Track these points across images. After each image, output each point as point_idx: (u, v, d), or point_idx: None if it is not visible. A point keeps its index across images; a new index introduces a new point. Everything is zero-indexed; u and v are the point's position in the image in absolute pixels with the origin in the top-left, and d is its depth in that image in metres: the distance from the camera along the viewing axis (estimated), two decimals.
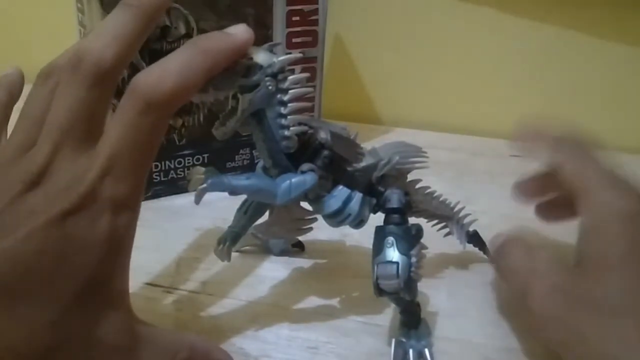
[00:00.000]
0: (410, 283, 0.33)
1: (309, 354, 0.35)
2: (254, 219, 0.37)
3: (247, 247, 0.44)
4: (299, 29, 0.52)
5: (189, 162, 0.51)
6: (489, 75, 0.67)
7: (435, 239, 0.40)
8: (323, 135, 0.32)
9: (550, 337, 0.32)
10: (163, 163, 0.50)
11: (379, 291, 0.33)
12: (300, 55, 0.30)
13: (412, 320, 0.35)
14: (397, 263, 0.32)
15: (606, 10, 0.61)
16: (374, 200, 0.35)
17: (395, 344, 0.35)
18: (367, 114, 0.71)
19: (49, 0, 0.74)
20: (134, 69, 0.46)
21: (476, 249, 0.42)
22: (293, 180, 0.32)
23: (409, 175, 0.37)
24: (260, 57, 0.30)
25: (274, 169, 0.33)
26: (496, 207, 0.40)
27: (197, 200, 0.30)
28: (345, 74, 0.70)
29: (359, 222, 0.35)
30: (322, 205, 0.34)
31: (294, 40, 0.52)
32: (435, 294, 0.40)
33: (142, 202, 0.27)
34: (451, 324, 0.38)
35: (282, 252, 0.44)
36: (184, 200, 0.49)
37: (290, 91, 0.31)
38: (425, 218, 0.40)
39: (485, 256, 0.42)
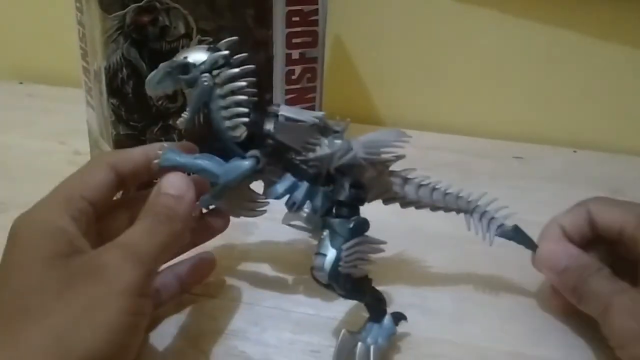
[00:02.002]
0: (338, 276, 0.33)
1: (311, 357, 0.35)
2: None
3: (296, 222, 0.45)
4: (298, 29, 0.52)
5: None
6: (490, 75, 0.67)
7: (442, 242, 0.40)
8: (267, 126, 0.34)
9: (632, 354, 0.33)
10: None
11: (315, 281, 0.34)
12: (227, 53, 0.33)
13: (373, 315, 0.35)
14: (326, 256, 0.33)
15: (607, 11, 0.61)
16: (328, 190, 0.35)
17: (343, 335, 0.34)
18: (368, 115, 0.71)
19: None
20: (133, 68, 0.46)
21: (482, 249, 0.40)
22: (233, 163, 0.34)
23: (401, 168, 0.36)
24: (193, 56, 0.33)
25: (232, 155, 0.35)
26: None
27: (155, 174, 0.33)
28: (346, 75, 0.70)
29: (313, 211, 0.35)
30: (269, 190, 0.35)
31: (294, 40, 0.52)
32: (439, 297, 0.40)
33: None
34: (456, 328, 0.37)
35: None
36: None
37: (225, 86, 0.33)
38: (432, 210, 0.38)
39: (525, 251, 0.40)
